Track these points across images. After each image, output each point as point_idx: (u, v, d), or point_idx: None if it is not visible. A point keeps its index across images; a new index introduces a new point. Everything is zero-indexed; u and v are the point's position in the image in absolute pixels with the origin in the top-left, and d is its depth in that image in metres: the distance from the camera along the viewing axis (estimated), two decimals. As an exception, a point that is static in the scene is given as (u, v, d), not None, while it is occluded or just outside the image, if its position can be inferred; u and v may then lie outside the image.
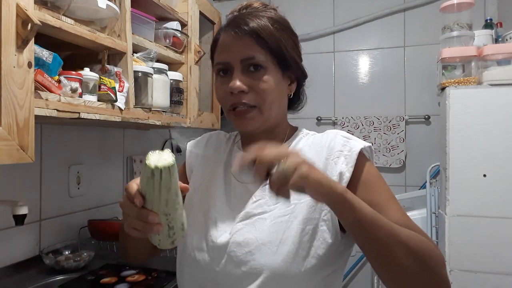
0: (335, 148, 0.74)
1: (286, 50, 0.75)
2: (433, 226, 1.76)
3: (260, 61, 0.73)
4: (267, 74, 0.73)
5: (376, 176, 0.73)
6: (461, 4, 1.62)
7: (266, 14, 0.77)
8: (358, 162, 0.71)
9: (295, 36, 0.80)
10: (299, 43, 0.82)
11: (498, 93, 1.46)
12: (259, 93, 0.73)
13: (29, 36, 0.81)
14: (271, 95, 0.73)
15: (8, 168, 1.24)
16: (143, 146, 1.98)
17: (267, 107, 0.74)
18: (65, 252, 1.38)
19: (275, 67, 0.74)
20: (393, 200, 0.71)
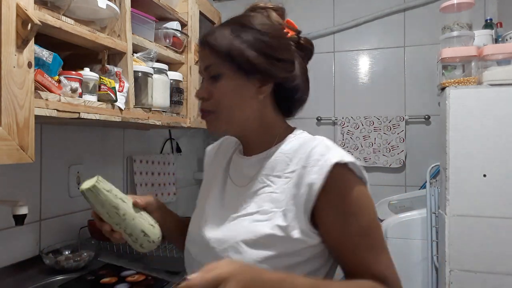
0: (313, 156, 0.72)
1: (242, 53, 0.73)
2: (433, 226, 1.76)
3: (214, 70, 0.76)
4: (223, 81, 0.75)
5: (359, 204, 0.71)
6: (461, 4, 1.62)
7: (238, 20, 0.79)
8: (333, 176, 0.69)
9: (272, 36, 0.76)
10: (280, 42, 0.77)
11: (498, 93, 1.46)
12: (214, 100, 0.76)
13: (29, 36, 0.81)
14: (226, 101, 0.75)
15: (8, 168, 1.24)
16: (143, 146, 1.98)
17: (224, 112, 0.76)
18: (65, 252, 1.38)
19: (234, 73, 0.75)
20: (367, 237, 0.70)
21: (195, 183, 2.53)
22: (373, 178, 2.46)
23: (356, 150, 2.46)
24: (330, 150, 0.72)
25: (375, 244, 0.71)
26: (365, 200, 0.72)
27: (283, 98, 0.80)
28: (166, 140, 2.18)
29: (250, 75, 0.75)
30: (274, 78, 0.76)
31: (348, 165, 0.70)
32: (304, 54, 0.84)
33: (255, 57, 0.73)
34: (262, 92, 0.76)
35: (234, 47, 0.74)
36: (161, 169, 2.06)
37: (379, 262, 0.71)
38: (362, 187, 0.72)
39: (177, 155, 2.27)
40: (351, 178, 0.71)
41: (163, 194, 2.07)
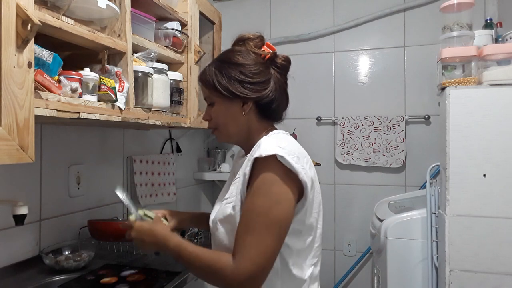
0: (252, 153, 0.91)
1: (222, 85, 0.97)
2: (433, 226, 1.76)
3: (209, 99, 1.02)
4: (216, 106, 1.01)
5: (257, 187, 0.86)
6: (461, 4, 1.62)
7: (219, 57, 1.04)
8: (256, 168, 0.87)
9: (244, 65, 0.97)
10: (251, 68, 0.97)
11: (498, 93, 1.46)
12: (214, 120, 1.02)
13: (29, 36, 0.81)
14: (221, 120, 1.01)
15: (8, 168, 1.24)
16: (143, 146, 1.99)
17: (222, 128, 1.02)
18: (65, 252, 1.37)
19: (221, 99, 0.99)
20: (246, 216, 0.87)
21: (195, 183, 2.53)
22: (373, 178, 2.47)
23: (356, 150, 2.46)
24: (259, 147, 0.88)
25: (248, 225, 0.85)
26: (263, 186, 0.85)
27: (263, 109, 1.00)
28: (166, 140, 2.19)
29: (233, 99, 0.97)
30: (250, 98, 0.97)
31: (276, 157, 0.85)
32: (281, 70, 1.02)
33: (232, 86, 0.96)
34: (245, 109, 0.98)
35: (216, 82, 0.98)
36: (161, 169, 2.06)
37: (241, 241, 0.85)
38: (268, 174, 0.85)
39: (177, 155, 2.27)
40: (265, 168, 0.86)
41: (163, 194, 2.07)
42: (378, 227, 1.95)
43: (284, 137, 0.97)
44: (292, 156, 0.86)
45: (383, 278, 1.93)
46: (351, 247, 2.51)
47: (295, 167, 0.85)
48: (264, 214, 0.84)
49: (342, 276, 2.48)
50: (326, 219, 2.54)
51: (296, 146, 0.95)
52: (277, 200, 0.84)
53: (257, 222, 0.84)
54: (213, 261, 0.87)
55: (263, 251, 0.83)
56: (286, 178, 0.85)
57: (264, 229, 0.83)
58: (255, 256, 0.82)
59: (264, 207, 0.84)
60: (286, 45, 2.61)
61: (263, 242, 0.83)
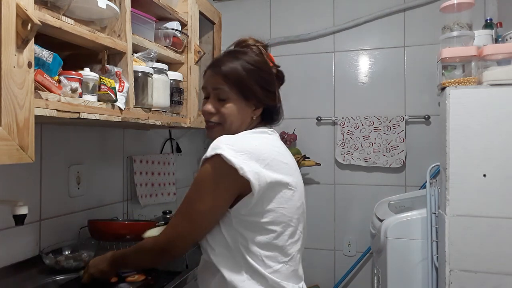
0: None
1: (249, 86, 1.00)
2: (433, 226, 1.76)
3: (222, 93, 1.00)
4: (230, 103, 1.00)
5: (196, 180, 0.95)
6: (461, 4, 1.62)
7: (242, 56, 1.02)
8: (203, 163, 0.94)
9: (266, 72, 1.04)
10: (270, 77, 1.05)
11: (498, 93, 1.46)
12: (221, 116, 1.01)
13: (29, 36, 0.81)
14: (231, 117, 1.01)
15: (8, 168, 1.24)
16: (143, 146, 1.99)
17: (227, 125, 1.01)
18: (65, 252, 1.37)
19: (238, 98, 1.00)
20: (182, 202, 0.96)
21: (195, 183, 2.53)
22: (373, 178, 2.47)
23: (356, 150, 2.46)
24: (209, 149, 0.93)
25: (179, 209, 0.97)
26: (200, 179, 0.94)
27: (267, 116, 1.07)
28: (166, 140, 2.19)
29: (249, 101, 1.01)
30: (265, 105, 1.04)
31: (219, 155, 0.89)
32: (279, 83, 1.10)
33: (255, 89, 1.00)
34: (256, 113, 1.04)
35: (242, 80, 0.99)
36: (161, 169, 2.06)
37: (172, 222, 0.98)
38: (207, 167, 0.92)
39: (177, 155, 2.27)
40: (204, 164, 0.93)
41: (163, 194, 2.07)
42: (378, 227, 1.95)
43: (250, 136, 0.99)
44: (241, 153, 0.89)
45: (383, 278, 1.93)
46: (351, 247, 2.51)
47: (235, 162, 0.88)
48: (188, 204, 0.95)
49: (342, 276, 2.48)
50: (326, 219, 2.55)
51: (254, 144, 0.95)
52: (202, 194, 0.93)
53: (181, 208, 0.96)
54: (137, 245, 1.02)
55: (178, 231, 0.95)
56: (223, 175, 0.90)
57: (185, 214, 0.95)
58: (171, 232, 0.96)
59: (190, 198, 0.95)
60: (286, 45, 2.61)
61: (180, 223, 0.95)
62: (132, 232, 1.47)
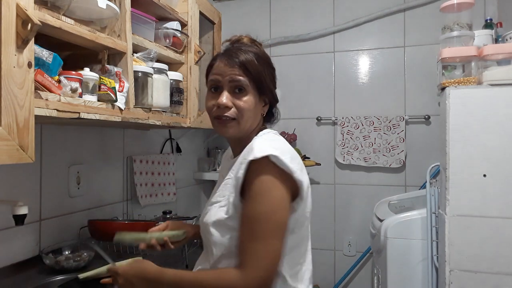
0: (245, 155, 0.88)
1: (265, 80, 0.96)
2: (433, 226, 1.76)
3: (244, 85, 0.94)
4: (248, 96, 0.94)
5: (255, 193, 0.84)
6: (461, 4, 1.62)
7: (253, 50, 0.98)
8: (251, 170, 0.85)
9: (273, 69, 1.02)
10: (275, 75, 1.03)
11: (498, 93, 1.46)
12: (239, 110, 0.94)
13: (29, 36, 0.81)
14: (249, 112, 0.94)
15: (8, 168, 1.24)
16: (143, 146, 1.99)
17: (244, 121, 0.95)
18: (65, 252, 1.37)
19: (254, 91, 0.95)
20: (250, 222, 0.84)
21: (195, 183, 2.53)
22: (373, 178, 2.47)
23: (356, 150, 2.46)
24: (253, 150, 0.86)
25: (254, 232, 0.83)
26: (263, 191, 0.84)
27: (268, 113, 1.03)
28: (166, 140, 2.18)
29: (261, 96, 0.98)
30: (271, 102, 1.02)
31: (269, 158, 0.84)
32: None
33: (270, 85, 0.99)
34: (265, 110, 1.01)
35: (261, 73, 0.95)
36: (161, 169, 2.06)
37: (247, 249, 0.83)
38: (265, 177, 0.84)
39: (177, 155, 2.27)
40: (260, 170, 0.84)
41: (163, 194, 2.07)
42: (378, 227, 1.95)
43: (275, 137, 0.98)
44: (286, 156, 0.86)
45: (383, 278, 1.93)
46: (351, 247, 2.51)
47: (290, 166, 0.85)
48: (269, 220, 0.83)
49: (342, 276, 2.48)
50: (326, 219, 2.55)
51: (288, 147, 0.94)
52: (278, 205, 0.84)
53: (263, 228, 0.82)
54: (220, 280, 0.82)
55: (272, 256, 0.82)
56: (282, 179, 0.85)
57: (271, 234, 0.83)
58: (265, 262, 0.81)
59: (268, 213, 0.83)
60: (286, 45, 2.61)
61: (272, 247, 0.82)
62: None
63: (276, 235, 0.83)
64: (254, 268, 0.81)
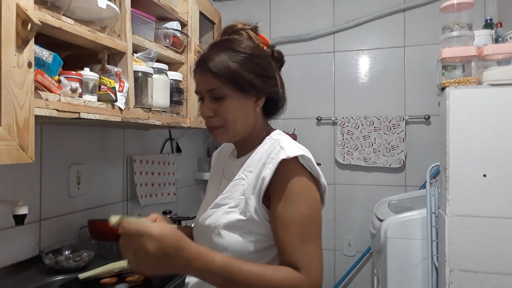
0: (270, 155, 0.86)
1: (243, 77, 0.87)
2: (433, 226, 1.76)
3: (218, 92, 0.88)
4: (227, 100, 0.88)
5: (296, 193, 0.82)
6: (461, 4, 1.62)
7: (229, 45, 0.90)
8: (281, 170, 0.82)
9: (260, 57, 0.91)
10: (265, 61, 0.91)
11: (498, 93, 1.46)
12: (222, 117, 0.90)
13: (29, 36, 0.81)
14: (232, 116, 0.89)
15: (8, 168, 1.24)
16: (143, 146, 1.99)
17: (231, 126, 0.90)
18: (65, 252, 1.37)
19: (234, 93, 0.88)
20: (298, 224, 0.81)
21: (195, 183, 2.53)
22: (373, 178, 2.47)
23: (356, 150, 2.46)
24: (281, 150, 0.84)
25: (304, 234, 0.81)
26: (304, 192, 0.82)
27: (270, 106, 0.96)
28: (166, 140, 2.18)
29: (248, 93, 0.90)
30: (266, 93, 0.92)
31: (298, 159, 0.82)
32: (278, 65, 0.97)
33: (252, 78, 0.88)
34: (258, 105, 0.92)
35: (234, 72, 0.87)
36: (161, 169, 2.06)
37: (302, 251, 0.80)
38: (303, 179, 0.83)
39: (177, 155, 2.27)
40: (295, 171, 0.83)
41: (163, 194, 2.07)
42: (378, 227, 1.95)
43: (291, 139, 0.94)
44: (312, 159, 0.85)
45: (383, 278, 1.93)
46: (351, 247, 2.51)
47: (319, 170, 0.84)
48: (315, 220, 0.83)
49: (342, 276, 2.48)
50: (326, 219, 2.54)
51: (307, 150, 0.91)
52: (319, 205, 0.85)
53: (312, 229, 0.82)
54: (286, 280, 0.76)
55: (321, 258, 0.82)
56: (313, 182, 0.85)
57: (318, 235, 0.83)
58: (320, 264, 0.81)
59: (314, 213, 0.83)
60: (286, 45, 2.61)
61: (320, 249, 0.83)
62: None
63: (320, 237, 0.84)
64: (314, 271, 0.79)
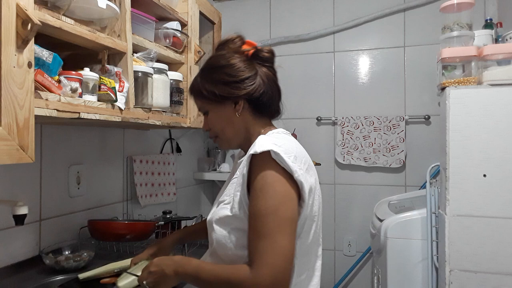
0: (248, 151, 0.89)
1: (212, 91, 0.97)
2: (433, 226, 1.76)
3: (203, 110, 1.03)
4: (210, 114, 1.01)
5: (259, 188, 0.84)
6: (461, 4, 1.62)
7: (203, 66, 1.03)
8: (253, 166, 0.86)
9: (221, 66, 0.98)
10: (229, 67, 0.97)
11: (498, 93, 1.46)
12: (213, 129, 1.02)
13: (29, 36, 0.81)
14: (218, 126, 1.00)
15: (8, 168, 1.24)
16: (143, 146, 1.99)
17: (221, 134, 1.01)
18: (65, 252, 1.37)
19: (213, 106, 0.99)
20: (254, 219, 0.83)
21: (195, 183, 2.53)
22: (373, 178, 2.47)
23: (356, 150, 2.46)
24: (254, 145, 0.87)
25: (258, 228, 0.82)
26: (264, 186, 0.83)
27: (256, 105, 0.99)
28: (166, 140, 2.19)
29: (224, 102, 0.97)
30: (242, 96, 0.96)
31: (270, 155, 0.84)
32: (267, 63, 1.01)
33: (219, 89, 0.96)
34: (238, 109, 0.98)
35: (205, 89, 0.98)
36: (161, 169, 2.06)
37: (255, 246, 0.82)
38: (268, 173, 0.84)
39: (177, 155, 2.27)
40: (263, 166, 0.85)
41: (163, 194, 2.07)
42: (378, 227, 1.95)
43: (283, 136, 0.95)
44: (289, 155, 0.84)
45: (383, 278, 1.93)
46: (351, 247, 2.51)
47: (291, 166, 0.83)
48: (273, 214, 0.81)
49: (342, 276, 2.48)
50: (326, 219, 2.55)
51: (295, 146, 0.92)
52: (282, 199, 0.83)
53: (267, 224, 0.81)
54: (231, 275, 0.82)
55: (279, 253, 0.79)
56: (284, 176, 0.84)
57: (276, 230, 0.80)
58: (273, 259, 0.79)
59: (271, 207, 0.82)
60: (286, 45, 2.61)
61: (278, 243, 0.80)
62: (132, 232, 1.47)
63: (281, 231, 0.81)
64: (262, 266, 0.79)
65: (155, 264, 0.94)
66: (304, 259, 0.91)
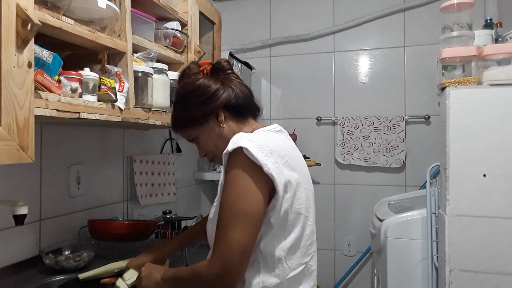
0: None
1: (189, 117, 1.04)
2: (433, 226, 1.76)
3: (191, 138, 1.08)
4: (200, 138, 1.06)
5: (227, 185, 0.88)
6: (461, 4, 1.62)
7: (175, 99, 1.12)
8: (228, 164, 0.89)
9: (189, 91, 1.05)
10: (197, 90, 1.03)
11: (498, 93, 1.46)
12: (208, 150, 1.08)
13: (29, 36, 0.81)
14: (211, 145, 1.05)
15: (8, 168, 1.24)
16: (143, 146, 1.98)
17: (217, 151, 1.02)
18: (65, 252, 1.37)
19: (199, 128, 1.04)
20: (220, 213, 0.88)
21: (195, 183, 2.53)
22: (373, 178, 2.47)
23: (356, 150, 2.46)
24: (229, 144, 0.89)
25: (220, 221, 0.87)
26: (234, 180, 0.86)
27: (236, 109, 1.04)
28: (166, 140, 2.18)
29: (206, 121, 1.03)
30: (218, 107, 1.02)
31: (242, 150, 0.85)
32: (226, 71, 1.07)
33: (197, 110, 1.02)
34: (221, 121, 1.03)
35: (184, 118, 1.05)
36: (161, 169, 2.06)
37: (214, 238, 0.88)
38: (236, 169, 0.86)
39: (177, 155, 2.27)
40: (232, 163, 0.87)
41: (163, 194, 2.07)
42: (378, 227, 1.95)
43: (264, 133, 0.98)
44: (262, 149, 0.86)
45: (383, 278, 1.93)
46: (351, 247, 2.51)
47: (259, 159, 0.84)
48: (229, 208, 0.85)
49: (342, 276, 2.48)
50: (326, 219, 2.55)
51: (272, 141, 0.92)
52: (240, 193, 0.85)
53: (224, 216, 0.86)
54: (194, 266, 0.90)
55: (229, 244, 0.83)
56: (252, 171, 0.85)
57: (229, 223, 0.85)
58: (222, 250, 0.84)
59: (228, 201, 0.86)
60: (286, 45, 2.61)
61: (228, 235, 0.84)
62: (132, 232, 1.47)
63: (233, 224, 0.84)
64: (216, 256, 0.84)
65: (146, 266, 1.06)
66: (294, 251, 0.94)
